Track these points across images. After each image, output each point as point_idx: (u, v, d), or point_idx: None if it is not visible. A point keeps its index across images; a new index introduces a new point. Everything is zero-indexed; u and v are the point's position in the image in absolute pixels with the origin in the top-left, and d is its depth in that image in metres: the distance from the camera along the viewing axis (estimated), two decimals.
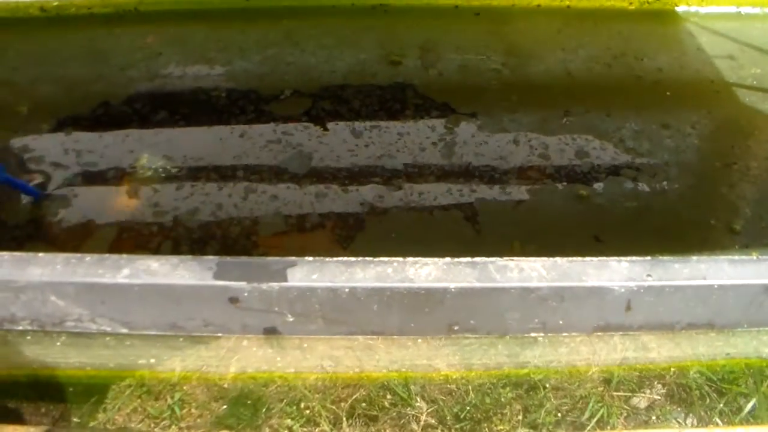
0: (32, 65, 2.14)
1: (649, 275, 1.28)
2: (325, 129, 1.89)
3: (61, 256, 1.21)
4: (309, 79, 2.07)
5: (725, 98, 2.12)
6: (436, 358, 1.44)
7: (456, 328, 1.33)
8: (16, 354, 1.44)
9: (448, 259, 1.25)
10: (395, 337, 1.38)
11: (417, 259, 1.24)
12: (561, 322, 1.34)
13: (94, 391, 1.42)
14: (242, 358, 1.42)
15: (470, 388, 1.42)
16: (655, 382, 1.46)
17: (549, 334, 1.40)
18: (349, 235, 1.63)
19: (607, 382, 1.43)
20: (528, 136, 1.93)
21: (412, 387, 1.40)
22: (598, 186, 1.82)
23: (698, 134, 1.99)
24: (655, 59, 2.18)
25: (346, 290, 1.22)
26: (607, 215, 1.77)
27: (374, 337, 1.40)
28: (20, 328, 1.33)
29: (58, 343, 1.44)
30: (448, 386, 1.42)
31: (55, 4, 2.19)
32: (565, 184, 1.82)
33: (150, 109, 1.97)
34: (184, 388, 1.41)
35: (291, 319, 1.30)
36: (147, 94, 2.02)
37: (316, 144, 1.84)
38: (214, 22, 2.21)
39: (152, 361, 1.43)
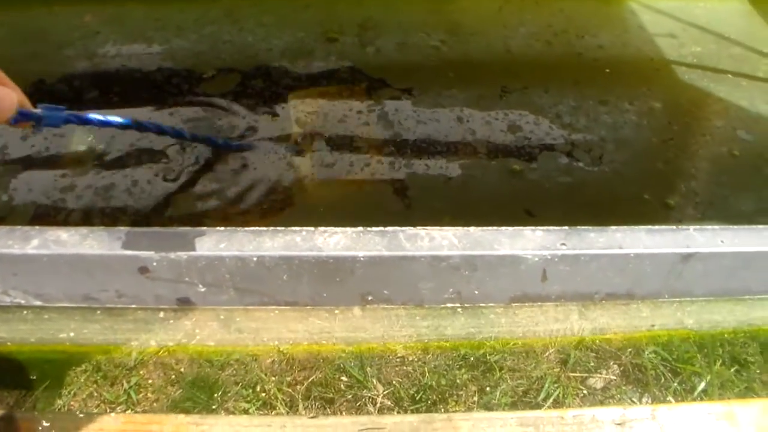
0: None
1: (563, 243, 1.27)
2: (254, 106, 1.88)
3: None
4: (245, 57, 2.05)
5: (665, 76, 2.12)
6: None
7: (370, 298, 1.32)
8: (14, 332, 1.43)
9: (358, 228, 1.24)
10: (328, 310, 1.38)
11: (326, 228, 1.23)
12: (476, 291, 1.34)
13: (51, 378, 1.40)
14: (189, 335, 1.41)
15: (426, 370, 1.41)
16: (611, 363, 1.46)
17: (465, 305, 1.39)
18: (279, 209, 1.61)
19: (563, 363, 1.43)
20: (463, 111, 1.92)
21: (368, 370, 1.40)
22: (532, 161, 1.82)
23: (636, 111, 1.99)
24: (597, 37, 2.18)
25: (254, 259, 1.21)
26: (541, 190, 1.76)
27: (289, 307, 1.39)
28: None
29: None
30: (405, 368, 1.42)
31: None
32: (498, 159, 1.81)
33: (85, 88, 1.94)
34: (141, 372, 1.40)
35: (203, 290, 1.29)
36: (83, 72, 1.99)
37: (244, 122, 1.83)
38: (153, 1, 2.18)
39: (72, 335, 1.42)
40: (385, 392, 1.37)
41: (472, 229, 1.24)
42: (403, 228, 1.22)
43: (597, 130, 1.93)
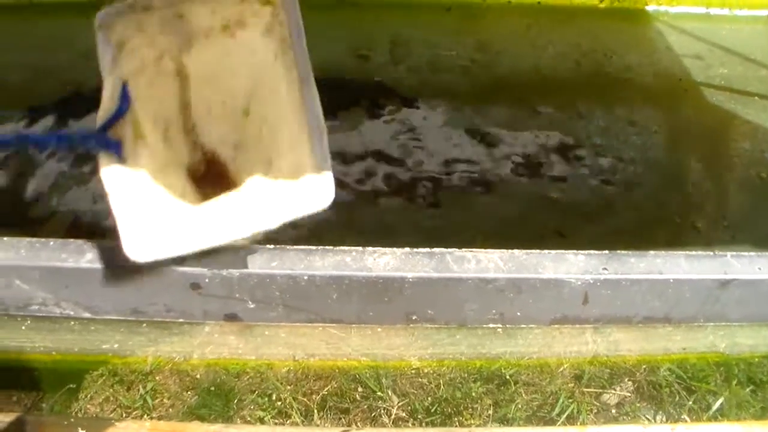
0: (3, 52, 2.13)
1: (605, 268, 1.29)
2: None
3: (25, 241, 1.20)
4: None
5: (693, 97, 2.14)
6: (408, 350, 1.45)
7: (414, 317, 1.33)
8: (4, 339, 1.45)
9: (406, 249, 1.25)
10: (362, 326, 1.39)
11: (375, 248, 1.24)
12: (518, 313, 1.35)
13: (63, 377, 1.41)
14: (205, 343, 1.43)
15: (441, 382, 1.43)
16: (626, 379, 1.47)
17: (507, 326, 1.41)
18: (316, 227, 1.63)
19: (578, 378, 1.45)
20: (495, 131, 1.93)
21: (383, 381, 1.41)
22: (563, 182, 1.83)
23: (664, 132, 2.00)
24: (624, 57, 2.20)
25: (305, 278, 1.23)
26: (572, 211, 1.77)
27: (335, 325, 1.40)
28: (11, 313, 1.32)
29: (23, 327, 1.43)
30: (420, 380, 1.43)
31: None
32: (529, 179, 1.83)
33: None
34: (157, 378, 1.41)
35: (252, 306, 1.30)
36: None
37: None
38: None
39: (116, 346, 1.43)
40: (400, 403, 1.39)
41: (516, 252, 1.26)
42: (450, 250, 1.23)
43: (626, 151, 1.94)
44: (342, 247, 1.20)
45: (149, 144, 1.07)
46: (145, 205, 0.99)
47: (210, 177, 1.22)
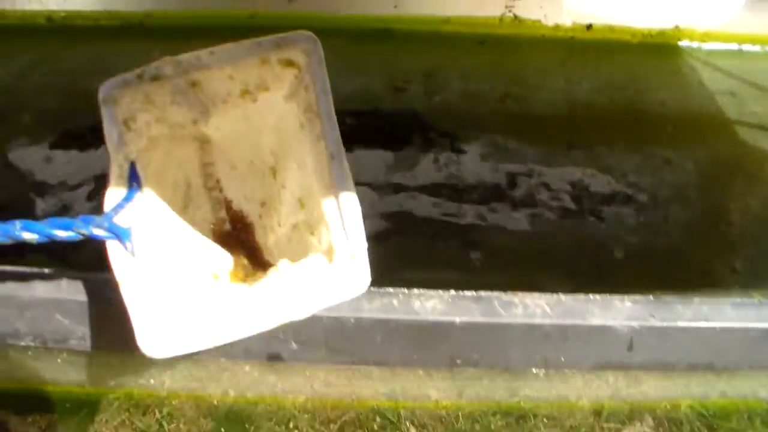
0: (38, 74, 2.14)
1: (652, 315, 1.28)
2: None
3: (66, 274, 1.19)
4: None
5: (726, 135, 2.13)
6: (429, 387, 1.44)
7: (458, 361, 1.32)
8: (16, 369, 1.44)
9: (452, 292, 1.24)
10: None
11: (422, 291, 1.23)
12: (562, 358, 1.34)
13: (85, 405, 1.41)
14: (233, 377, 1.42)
15: (460, 414, 1.41)
16: (646, 415, 1.46)
17: (549, 370, 1.40)
18: None
19: (597, 413, 1.43)
20: (531, 167, 1.93)
21: (402, 412, 1.40)
22: (600, 220, 1.83)
23: (699, 171, 1.99)
24: (658, 93, 2.19)
25: (352, 321, 1.22)
26: (608, 249, 1.77)
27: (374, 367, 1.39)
28: (23, 344, 1.31)
29: (59, 360, 1.43)
30: (438, 413, 1.42)
31: (63, 14, 2.18)
32: (566, 216, 1.82)
33: None
34: (173, 402, 1.40)
35: (295, 347, 1.30)
36: None
37: None
38: (217, 39, 2.18)
39: (152, 381, 1.42)
40: None
41: (563, 297, 1.25)
42: (496, 293, 1.23)
43: (662, 189, 1.94)
44: (389, 289, 1.20)
45: (163, 225, 1.02)
46: (161, 297, 0.91)
47: (235, 234, 1.16)
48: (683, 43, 2.30)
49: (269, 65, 0.97)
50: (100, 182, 1.79)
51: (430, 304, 1.23)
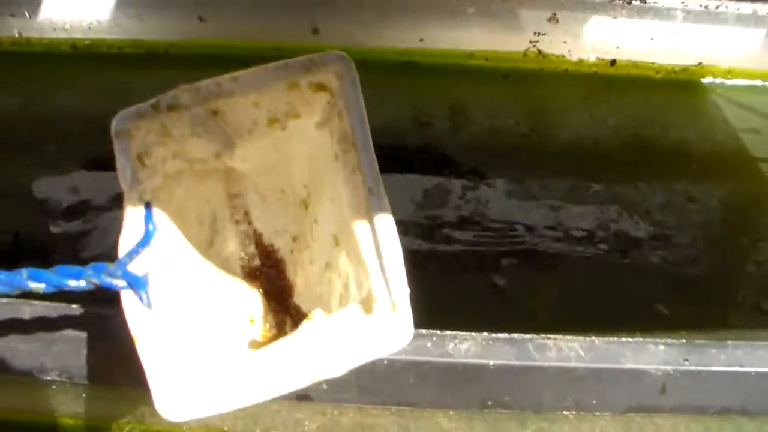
0: (62, 102, 2.15)
1: (686, 360, 1.27)
2: None
3: (99, 311, 1.19)
4: None
5: (751, 173, 2.12)
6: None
7: (490, 403, 1.32)
8: (39, 402, 1.43)
9: (485, 335, 1.24)
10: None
11: (456, 333, 1.23)
12: (594, 401, 1.33)
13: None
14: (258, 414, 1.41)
15: None
16: None
17: (581, 413, 1.39)
18: None
19: None
20: (556, 204, 1.93)
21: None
22: (625, 259, 1.82)
23: (724, 209, 1.99)
24: (682, 130, 2.19)
25: (385, 362, 1.21)
26: (634, 288, 1.76)
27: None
28: (48, 378, 1.31)
29: (84, 395, 1.42)
30: None
31: (87, 42, 2.19)
32: (592, 255, 1.82)
33: None
34: (183, 428, 1.39)
35: (325, 387, 1.29)
36: None
37: None
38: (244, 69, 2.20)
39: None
40: None
41: (597, 340, 1.25)
42: (531, 336, 1.23)
43: (687, 228, 1.93)
44: (422, 331, 1.19)
45: (185, 266, 0.95)
46: (182, 353, 0.84)
47: (265, 271, 1.14)
48: (707, 79, 2.29)
49: (298, 90, 0.92)
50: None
51: (465, 347, 1.23)
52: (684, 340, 1.34)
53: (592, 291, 1.76)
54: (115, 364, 1.32)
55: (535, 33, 2.20)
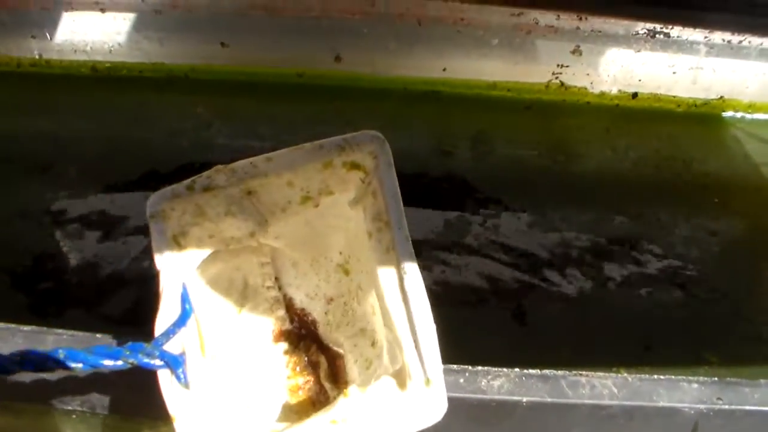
0: (81, 124, 2.15)
1: (719, 398, 1.26)
2: None
3: (125, 339, 1.18)
4: None
5: None
6: None
7: None
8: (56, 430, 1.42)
9: (517, 371, 1.23)
10: None
11: (488, 369, 1.22)
12: None
13: None
14: None
15: None
16: None
17: None
18: None
19: None
20: (579, 236, 1.92)
21: None
22: (648, 293, 1.81)
23: (747, 244, 1.99)
24: (703, 164, 2.18)
25: None
26: (657, 323, 1.75)
27: None
28: (69, 407, 1.30)
29: (102, 426, 1.41)
30: None
31: (107, 65, 2.19)
32: (615, 288, 1.81)
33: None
34: None
35: None
36: (196, 164, 2.01)
37: None
38: (264, 96, 2.21)
39: None
40: None
41: (629, 377, 1.24)
42: (563, 373, 1.21)
43: (710, 262, 1.93)
44: (453, 366, 1.18)
45: (217, 338, 0.96)
46: (218, 430, 0.85)
47: (296, 333, 1.13)
48: (728, 113, 2.29)
49: (333, 169, 0.92)
50: (143, 238, 1.79)
51: (498, 383, 1.21)
52: (716, 378, 1.32)
53: (613, 324, 1.75)
54: (135, 395, 1.31)
55: (558, 65, 2.20)
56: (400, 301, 0.90)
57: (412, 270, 0.90)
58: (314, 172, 0.91)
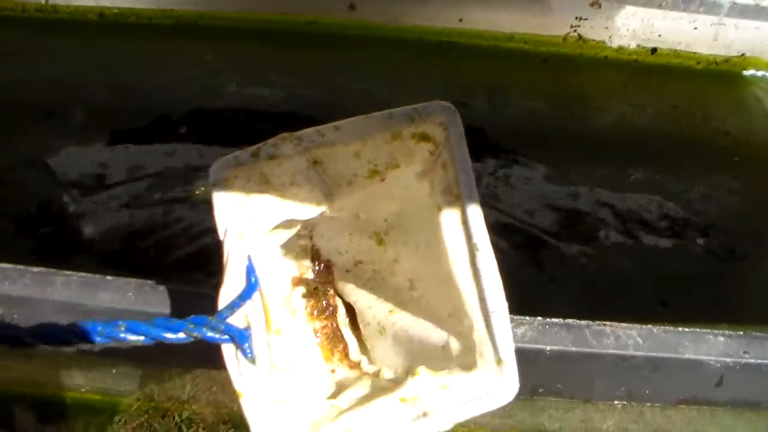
0: (89, 71, 2.11)
1: (746, 352, 1.23)
2: None
3: (134, 282, 1.14)
4: (371, 110, 2.02)
5: None
6: None
7: (541, 390, 1.28)
8: (65, 376, 1.40)
9: (539, 319, 1.20)
10: None
11: (512, 316, 1.18)
12: (647, 392, 1.29)
13: (103, 406, 1.39)
14: None
15: None
16: None
17: (632, 403, 1.34)
18: None
19: None
20: (594, 190, 1.89)
21: None
22: (667, 249, 1.78)
23: (765, 205, 1.94)
24: (723, 122, 2.14)
25: None
26: (674, 279, 1.73)
27: None
28: (75, 349, 1.26)
29: (114, 371, 1.39)
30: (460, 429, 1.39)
31: (115, 11, 2.14)
32: (631, 244, 1.78)
33: (209, 128, 1.92)
34: (193, 407, 1.36)
35: None
36: (207, 111, 1.99)
37: None
38: (275, 44, 2.16)
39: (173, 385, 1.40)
40: None
41: (655, 329, 1.20)
42: (587, 323, 1.18)
43: (729, 220, 1.89)
44: None
45: (285, 325, 0.92)
46: (285, 409, 0.84)
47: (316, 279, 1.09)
48: (749, 72, 2.23)
49: (401, 140, 0.89)
50: (154, 185, 1.76)
51: (521, 331, 1.18)
52: (742, 333, 1.29)
53: (630, 280, 1.73)
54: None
55: (576, 18, 2.16)
56: (470, 277, 0.87)
57: (484, 246, 0.87)
58: (382, 142, 0.87)
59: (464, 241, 0.87)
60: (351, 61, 2.13)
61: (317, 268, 1.13)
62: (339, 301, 1.10)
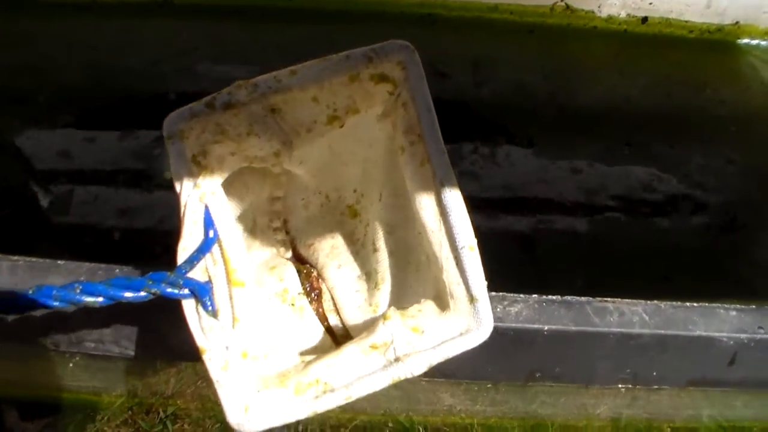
0: (60, 51, 2.02)
1: (761, 327, 1.14)
2: None
3: (86, 266, 1.05)
4: None
5: None
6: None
7: (538, 375, 1.18)
8: (46, 374, 1.34)
9: (535, 296, 1.10)
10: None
11: (503, 294, 1.09)
12: (654, 373, 1.20)
13: (86, 403, 1.38)
14: None
15: (475, 421, 1.37)
16: (665, 426, 1.42)
17: (637, 386, 1.25)
18: None
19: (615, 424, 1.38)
20: (588, 165, 1.81)
21: (414, 417, 1.35)
22: (665, 222, 1.73)
23: (764, 173, 1.87)
24: (718, 92, 2.07)
25: None
26: (674, 252, 1.68)
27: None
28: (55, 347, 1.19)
29: (96, 368, 1.34)
30: (453, 419, 1.36)
31: None
32: (629, 218, 1.72)
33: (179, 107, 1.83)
34: (178, 401, 1.36)
35: None
36: (181, 90, 1.93)
37: None
38: (252, 20, 2.08)
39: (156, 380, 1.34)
40: None
41: (662, 304, 1.11)
42: (587, 299, 1.09)
43: (727, 191, 1.84)
44: None
45: (248, 280, 0.87)
46: (251, 362, 0.81)
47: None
48: (743, 40, 2.16)
49: (359, 82, 0.84)
50: (127, 168, 1.69)
51: (515, 309, 1.09)
52: (754, 307, 1.20)
53: (630, 255, 1.68)
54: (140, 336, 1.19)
55: None
56: (437, 215, 0.84)
57: (449, 182, 0.83)
58: (340, 86, 0.84)
59: (430, 179, 0.84)
60: (331, 37, 2.05)
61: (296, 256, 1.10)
62: (323, 285, 1.06)
